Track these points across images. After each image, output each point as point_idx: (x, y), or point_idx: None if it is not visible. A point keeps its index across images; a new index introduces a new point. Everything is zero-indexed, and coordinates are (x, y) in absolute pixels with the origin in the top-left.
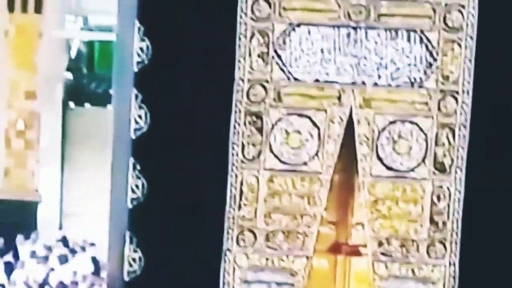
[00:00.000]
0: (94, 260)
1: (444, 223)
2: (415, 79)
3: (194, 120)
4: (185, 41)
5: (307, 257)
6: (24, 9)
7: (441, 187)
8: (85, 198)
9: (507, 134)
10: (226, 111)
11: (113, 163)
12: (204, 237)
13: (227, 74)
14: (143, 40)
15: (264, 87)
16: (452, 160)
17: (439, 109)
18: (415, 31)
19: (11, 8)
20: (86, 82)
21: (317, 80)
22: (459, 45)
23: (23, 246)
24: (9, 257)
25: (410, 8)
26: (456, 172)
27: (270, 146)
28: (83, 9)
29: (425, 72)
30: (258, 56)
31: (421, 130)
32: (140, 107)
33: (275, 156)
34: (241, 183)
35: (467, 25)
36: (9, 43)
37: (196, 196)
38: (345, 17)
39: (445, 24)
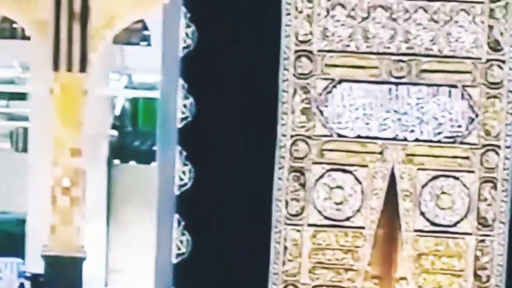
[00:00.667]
0: None
1: (488, 278)
2: (457, 134)
3: (238, 176)
4: (228, 98)
5: None
6: (69, 68)
7: (484, 241)
8: (130, 254)
9: None
10: (269, 167)
11: (157, 219)
12: None
13: (270, 130)
14: (186, 97)
15: (306, 143)
16: (495, 214)
17: (481, 163)
18: (456, 87)
19: (56, 67)
20: (131, 139)
21: (359, 136)
22: (500, 100)
23: None
24: None
25: (451, 64)
26: (499, 226)
27: (313, 201)
28: (127, 68)
29: (466, 127)
30: (301, 112)
31: (464, 185)
32: (184, 164)
33: (319, 211)
34: (285, 239)
35: (508, 80)
36: (54, 101)
37: (241, 252)
38: (387, 74)
39: (486, 79)
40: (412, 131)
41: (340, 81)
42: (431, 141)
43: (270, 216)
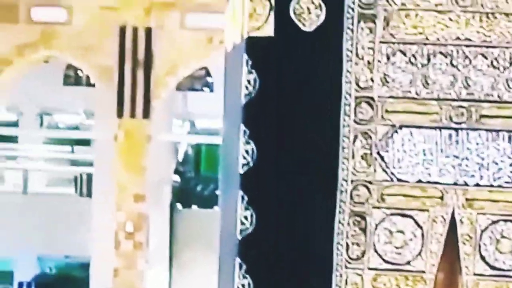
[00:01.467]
0: None
1: None
2: None
3: (299, 221)
4: (289, 144)
5: None
6: (133, 114)
7: None
8: None
9: None
10: (330, 212)
11: (220, 263)
12: None
13: (331, 176)
14: (248, 143)
15: (367, 188)
16: None
17: None
18: None
19: (120, 113)
20: (193, 185)
21: (419, 181)
22: None
23: None
24: None
25: (511, 110)
26: None
27: (374, 245)
28: (190, 114)
29: None
30: (362, 157)
31: None
32: (246, 208)
33: (379, 255)
34: (346, 282)
35: None
36: (118, 147)
37: None
38: (447, 119)
39: None
40: (472, 176)
41: (401, 127)
42: (491, 185)
43: (331, 260)
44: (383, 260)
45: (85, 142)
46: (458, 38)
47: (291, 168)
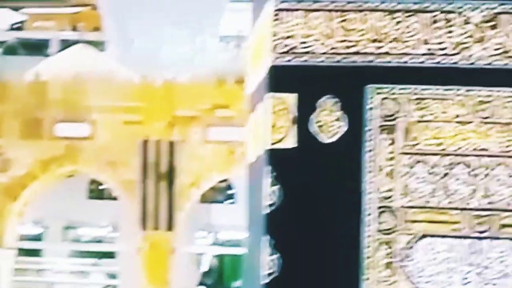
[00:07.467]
0: None
1: None
2: None
3: None
4: (311, 255)
5: None
6: (156, 226)
7: None
8: None
9: None
10: None
11: None
12: None
13: (353, 284)
14: (272, 253)
15: None
16: None
17: None
18: None
19: (143, 226)
20: None
21: None
22: None
23: None
24: None
25: None
26: None
27: None
28: (213, 226)
29: None
30: (385, 266)
31: None
32: None
33: None
34: None
35: None
36: (142, 259)
37: None
38: (468, 228)
39: None
40: (494, 284)
41: (423, 236)
42: None
43: None
44: None
45: (110, 255)
46: (477, 149)
47: (315, 280)
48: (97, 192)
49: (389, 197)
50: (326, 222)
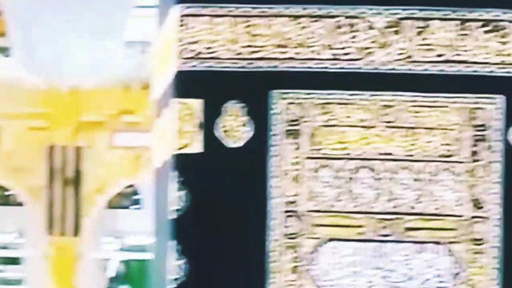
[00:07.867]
0: None
1: None
2: None
3: None
4: (219, 258)
5: None
6: (63, 232)
7: None
8: None
9: None
10: None
11: None
12: None
13: None
14: (178, 259)
15: None
16: None
17: None
18: (440, 243)
19: (50, 231)
20: None
21: None
22: (485, 255)
23: None
24: None
25: (435, 222)
26: None
27: None
28: (120, 231)
29: (453, 284)
30: (291, 271)
31: None
32: None
33: None
34: None
35: (492, 236)
36: (49, 265)
37: None
38: (373, 232)
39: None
40: (398, 287)
41: (328, 240)
42: None
43: None
44: None
45: (16, 261)
46: (382, 153)
47: (222, 285)
48: (2, 198)
49: (295, 202)
50: (232, 227)
